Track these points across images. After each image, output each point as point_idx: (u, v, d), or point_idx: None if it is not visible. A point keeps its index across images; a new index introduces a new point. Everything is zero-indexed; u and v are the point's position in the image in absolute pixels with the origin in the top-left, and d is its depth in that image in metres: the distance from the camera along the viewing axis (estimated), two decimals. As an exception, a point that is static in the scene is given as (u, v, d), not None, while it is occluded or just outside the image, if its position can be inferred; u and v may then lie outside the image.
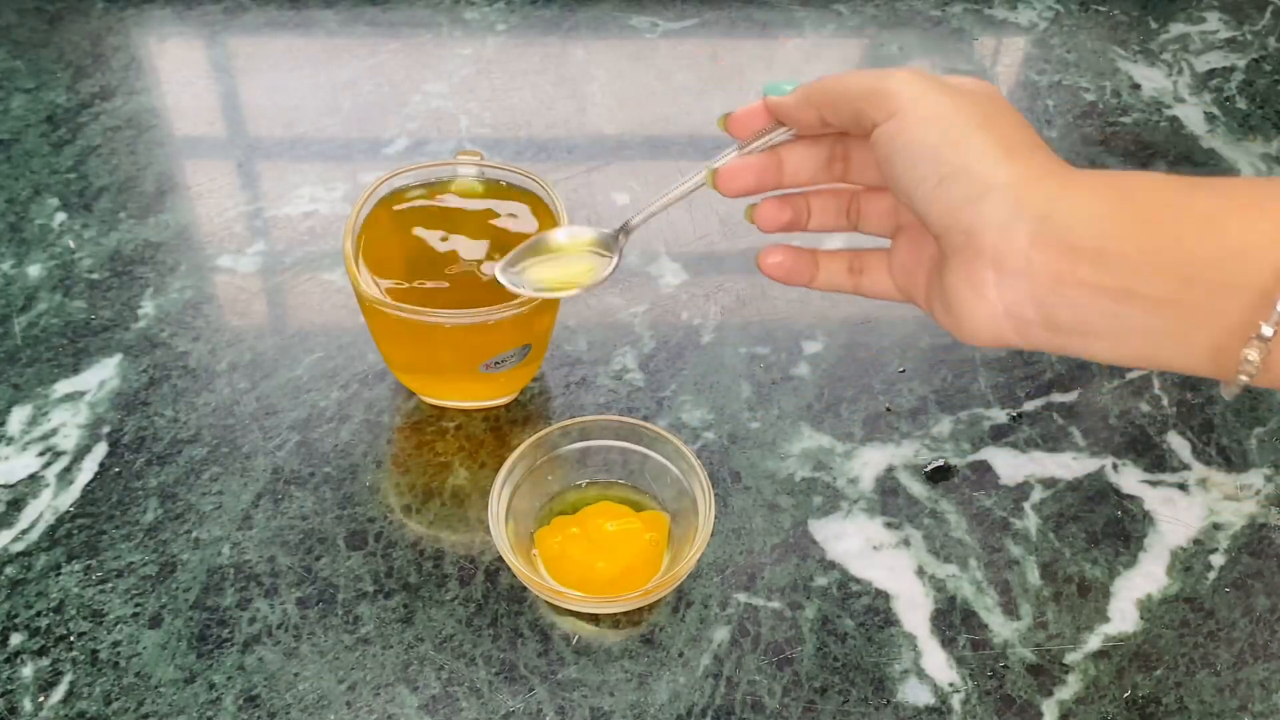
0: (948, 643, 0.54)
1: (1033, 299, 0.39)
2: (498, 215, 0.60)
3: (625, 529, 0.55)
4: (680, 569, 0.52)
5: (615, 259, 0.51)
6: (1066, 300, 0.38)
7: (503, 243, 0.59)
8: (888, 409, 0.64)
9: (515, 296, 0.56)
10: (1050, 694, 0.53)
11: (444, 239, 0.59)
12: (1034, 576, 0.57)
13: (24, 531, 0.57)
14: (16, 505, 0.58)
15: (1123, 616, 0.56)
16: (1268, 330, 0.34)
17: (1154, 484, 0.61)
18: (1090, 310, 0.38)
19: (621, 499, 0.57)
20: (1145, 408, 0.65)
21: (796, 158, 0.48)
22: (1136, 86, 0.86)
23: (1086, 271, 0.37)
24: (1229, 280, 0.35)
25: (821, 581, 0.56)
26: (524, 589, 0.55)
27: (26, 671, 0.52)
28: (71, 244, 0.71)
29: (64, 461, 0.60)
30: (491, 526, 0.53)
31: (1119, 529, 0.59)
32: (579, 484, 0.58)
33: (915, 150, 0.41)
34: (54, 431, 0.61)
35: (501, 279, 0.51)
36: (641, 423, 0.57)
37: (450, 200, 0.61)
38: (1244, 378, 0.35)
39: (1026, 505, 0.60)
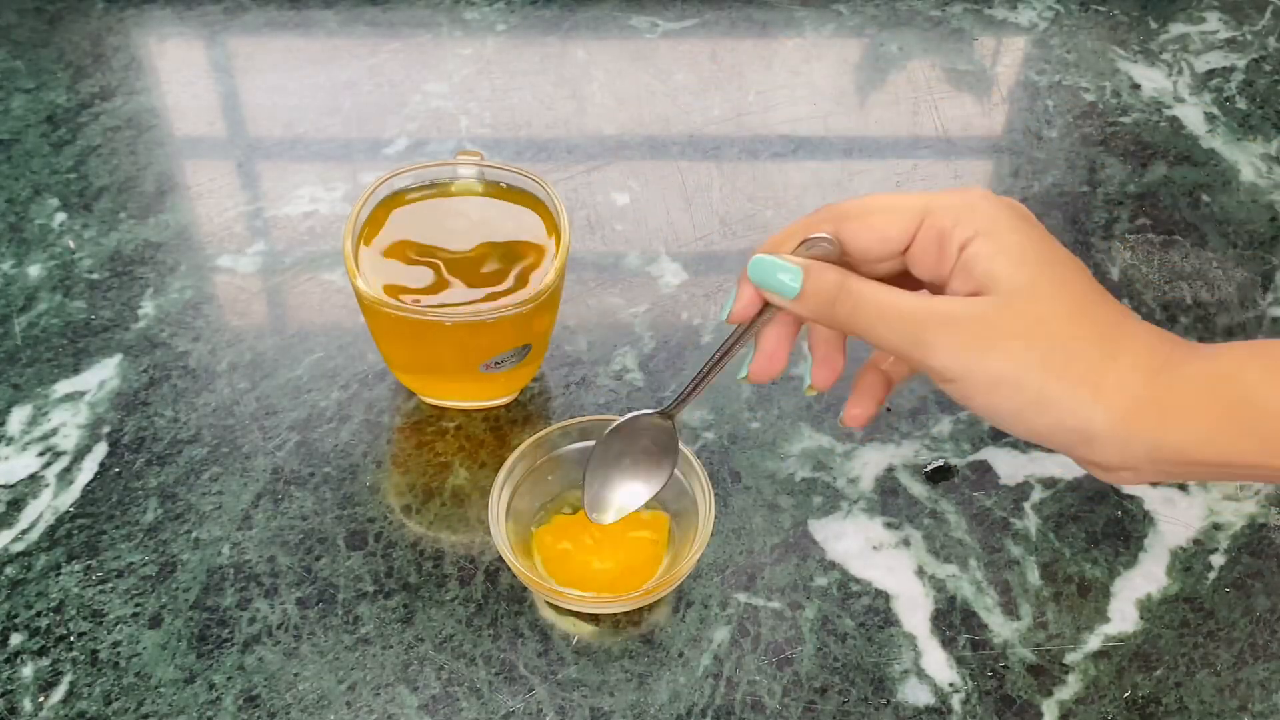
0: (948, 643, 0.54)
1: (1162, 478, 0.41)
2: (497, 215, 0.60)
3: (625, 528, 0.55)
4: (680, 569, 0.52)
5: (676, 451, 0.50)
6: (1192, 476, 0.42)
7: (503, 243, 0.59)
8: (888, 409, 0.64)
9: (516, 296, 0.56)
10: (1050, 694, 0.53)
11: (443, 239, 0.59)
12: (1034, 576, 0.57)
13: (24, 531, 0.57)
14: (16, 505, 0.58)
15: (1123, 616, 0.56)
16: None
17: (1154, 484, 0.61)
18: (1210, 478, 0.42)
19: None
20: (1145, 408, 0.65)
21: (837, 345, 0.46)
22: (1136, 86, 0.86)
23: (1208, 471, 0.40)
24: None
25: (821, 581, 0.56)
26: (524, 589, 0.55)
27: (26, 671, 0.52)
28: (71, 244, 0.71)
29: (64, 461, 0.60)
30: (491, 526, 0.53)
31: (1119, 529, 0.59)
32: (578, 480, 0.58)
33: (996, 416, 0.40)
34: (54, 431, 0.61)
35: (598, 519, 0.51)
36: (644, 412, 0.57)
37: (450, 200, 0.61)
38: None
39: (1026, 505, 0.60)
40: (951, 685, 0.53)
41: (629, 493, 0.51)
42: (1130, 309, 0.43)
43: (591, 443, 0.57)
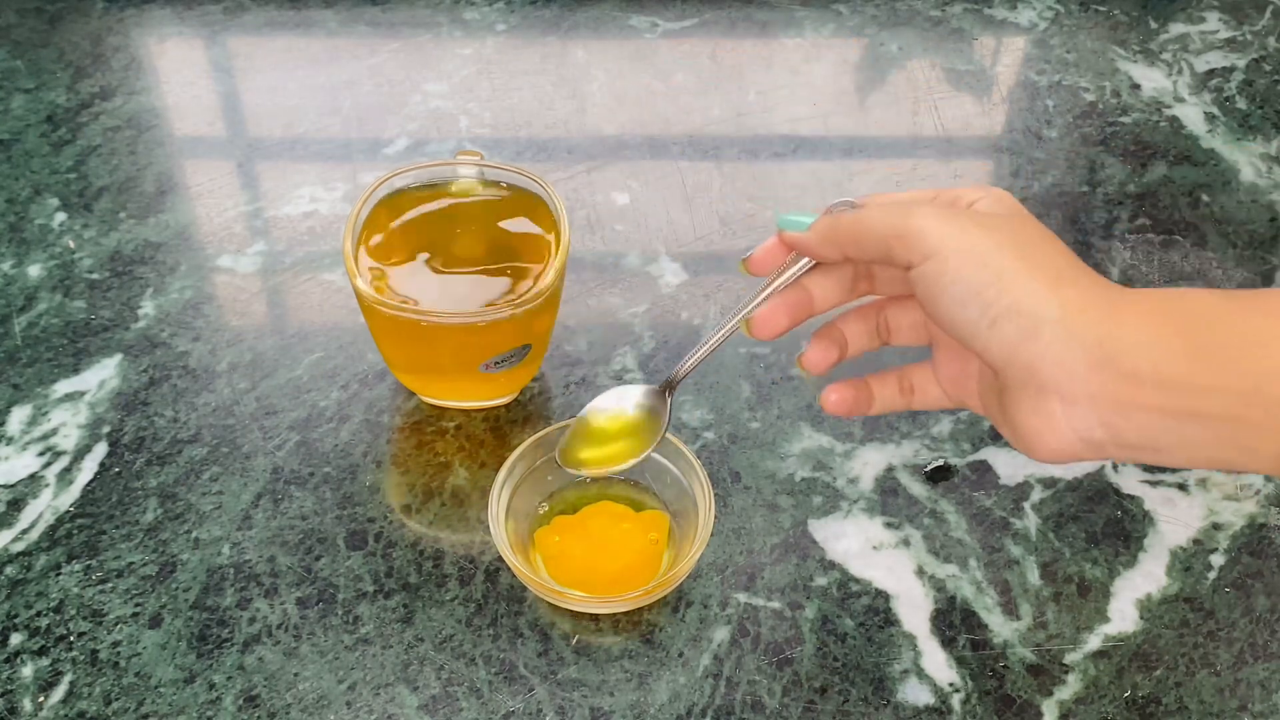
0: (948, 643, 0.54)
1: (1100, 423, 0.40)
2: (497, 215, 0.60)
3: (625, 529, 0.55)
4: (680, 569, 0.52)
5: (666, 419, 0.52)
6: (1134, 423, 0.39)
7: (503, 243, 0.59)
8: (888, 409, 0.64)
9: (516, 296, 0.56)
10: (1050, 694, 0.53)
11: (443, 238, 0.59)
12: (1034, 576, 0.57)
13: (24, 531, 0.57)
14: (16, 505, 0.58)
15: (1123, 616, 0.56)
16: None
17: (1154, 484, 0.61)
18: (1157, 429, 0.39)
19: (622, 498, 0.57)
20: (1145, 408, 0.65)
21: (822, 286, 0.48)
22: (1136, 86, 0.86)
23: (1149, 395, 0.38)
24: None
25: (821, 581, 0.56)
26: (524, 589, 0.55)
27: (26, 671, 0.52)
28: (71, 244, 0.71)
29: (64, 461, 0.60)
30: (491, 526, 0.53)
31: (1119, 529, 0.59)
32: (579, 479, 0.58)
33: (960, 292, 0.41)
34: (54, 431, 0.61)
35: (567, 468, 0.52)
36: None
37: (450, 200, 0.61)
38: None
39: (1026, 505, 0.60)
40: (951, 685, 0.53)
41: (608, 453, 0.52)
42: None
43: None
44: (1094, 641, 0.55)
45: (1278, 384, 0.37)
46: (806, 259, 0.47)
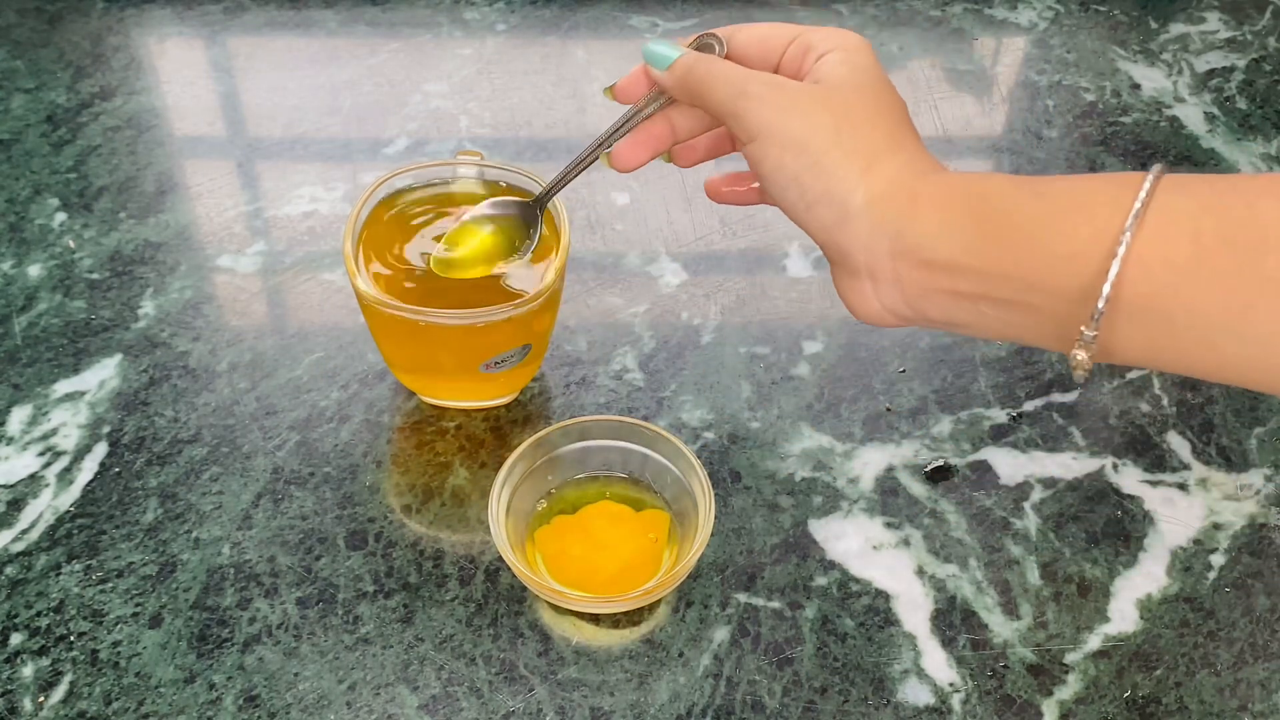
0: (948, 643, 0.54)
1: (906, 303, 0.43)
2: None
3: (625, 528, 0.55)
4: (680, 569, 0.52)
5: (534, 235, 0.56)
6: (935, 304, 0.42)
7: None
8: (888, 409, 0.64)
9: (516, 296, 0.56)
10: (1050, 694, 0.53)
11: (444, 238, 0.59)
12: (1034, 576, 0.57)
13: (24, 531, 0.57)
14: (16, 505, 0.58)
15: (1123, 616, 0.56)
16: (1089, 332, 0.38)
17: (1154, 484, 0.61)
18: (955, 310, 0.42)
19: (622, 498, 0.57)
20: (1145, 407, 0.65)
21: (685, 118, 0.50)
22: (1136, 86, 0.86)
23: (944, 280, 0.42)
24: (1060, 285, 0.39)
25: (821, 581, 0.56)
26: (524, 589, 0.55)
27: (26, 671, 0.52)
28: (71, 244, 0.71)
29: (64, 461, 0.60)
30: (491, 526, 0.53)
31: (1119, 529, 0.59)
32: (579, 477, 0.58)
33: (779, 178, 0.44)
34: (54, 431, 0.61)
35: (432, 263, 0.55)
36: (641, 422, 0.57)
37: (450, 200, 0.61)
38: (1080, 372, 0.39)
39: (1026, 505, 0.60)
40: (951, 685, 0.53)
41: (473, 257, 0.56)
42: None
43: (590, 443, 0.57)
44: (1094, 641, 0.55)
45: (1053, 274, 0.39)
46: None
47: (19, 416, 0.62)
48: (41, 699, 0.51)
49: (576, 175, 0.53)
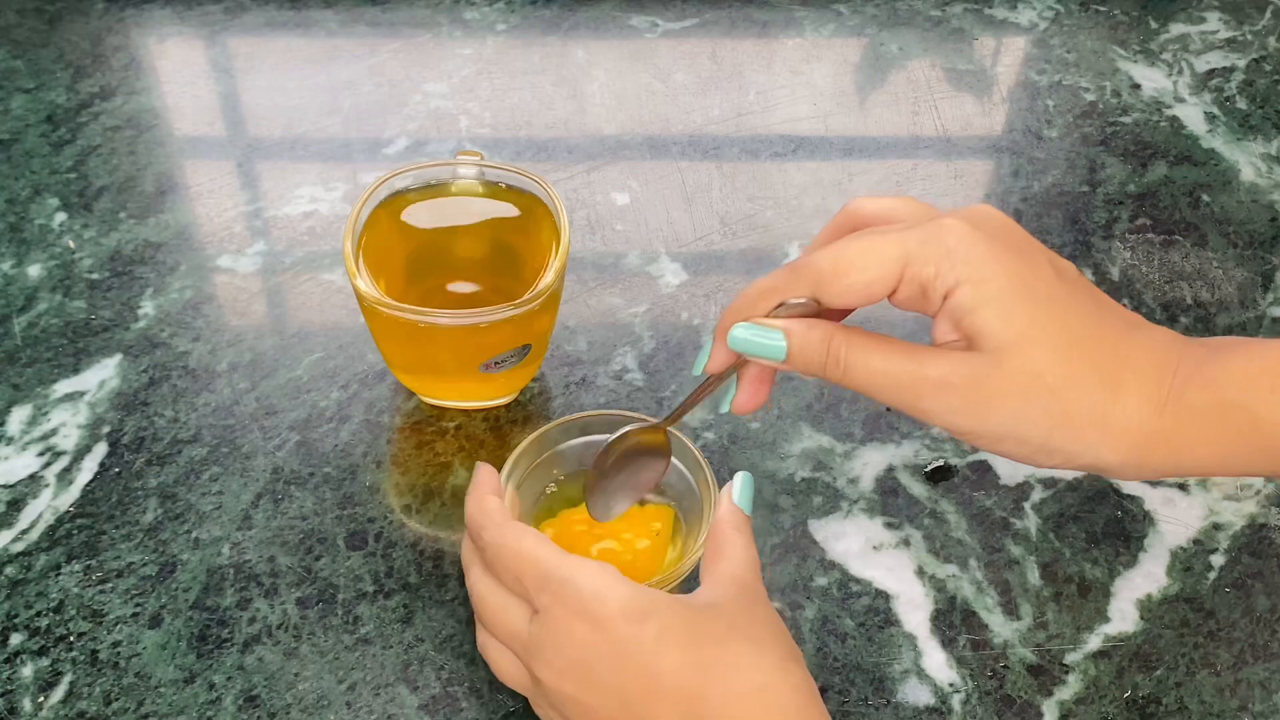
0: (948, 643, 0.54)
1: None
2: (497, 215, 0.60)
3: (628, 523, 0.55)
4: (681, 568, 0.52)
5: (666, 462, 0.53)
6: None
7: (502, 243, 0.59)
8: (888, 409, 0.64)
9: (515, 296, 0.56)
10: (1050, 694, 0.53)
11: (443, 239, 0.59)
12: (1034, 576, 0.57)
13: (24, 531, 0.57)
14: (16, 505, 0.58)
15: (1123, 616, 0.56)
16: None
17: (1154, 484, 0.61)
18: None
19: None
20: (1145, 408, 0.64)
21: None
22: (1136, 86, 0.86)
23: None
24: None
25: (821, 581, 0.56)
26: (524, 589, 0.55)
27: (26, 671, 0.52)
28: (71, 244, 0.71)
29: (64, 461, 0.60)
30: (491, 526, 0.53)
31: (1119, 529, 0.59)
32: (579, 471, 0.58)
33: (1008, 420, 0.40)
34: (54, 431, 0.61)
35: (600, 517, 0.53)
36: (643, 417, 0.57)
37: (450, 200, 0.61)
38: None
39: (1026, 505, 0.60)
40: (951, 685, 0.53)
41: (626, 493, 0.53)
42: (1126, 309, 0.43)
43: (592, 438, 0.57)
44: (1094, 641, 0.55)
45: None
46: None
47: (19, 416, 0.62)
48: (41, 699, 0.51)
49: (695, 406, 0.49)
